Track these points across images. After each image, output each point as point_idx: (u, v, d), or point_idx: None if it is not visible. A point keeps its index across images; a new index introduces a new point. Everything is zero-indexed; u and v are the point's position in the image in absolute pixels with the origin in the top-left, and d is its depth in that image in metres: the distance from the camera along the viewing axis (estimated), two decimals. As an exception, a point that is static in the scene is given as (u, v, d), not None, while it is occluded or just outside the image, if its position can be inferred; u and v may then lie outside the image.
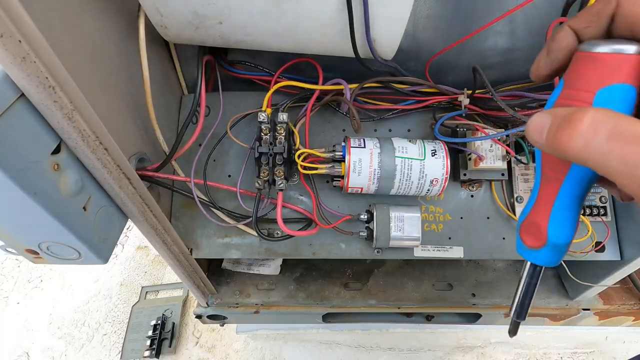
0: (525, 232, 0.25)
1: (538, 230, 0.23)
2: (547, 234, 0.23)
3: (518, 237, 0.25)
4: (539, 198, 0.24)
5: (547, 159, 0.23)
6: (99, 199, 0.34)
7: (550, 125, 0.19)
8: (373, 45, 0.39)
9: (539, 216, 0.23)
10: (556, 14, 0.44)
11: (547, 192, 0.23)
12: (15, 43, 0.23)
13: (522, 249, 0.25)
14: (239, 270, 0.64)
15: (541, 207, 0.23)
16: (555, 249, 0.23)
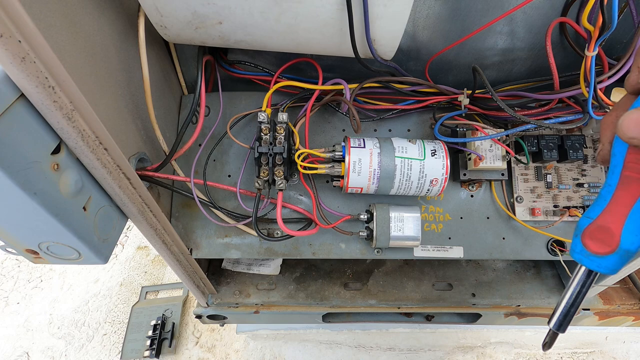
0: (590, 236, 0.23)
1: (609, 236, 0.22)
2: (619, 240, 0.22)
3: (578, 242, 0.24)
4: (614, 201, 0.22)
5: (633, 158, 0.21)
6: (99, 199, 0.34)
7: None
8: (373, 45, 0.39)
9: (612, 220, 0.22)
10: (556, 14, 0.44)
11: (625, 195, 0.22)
12: (15, 43, 0.23)
13: (582, 254, 0.24)
14: (239, 270, 0.64)
15: (616, 211, 0.22)
16: (625, 255, 0.22)
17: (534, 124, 0.42)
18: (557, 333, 0.26)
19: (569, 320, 0.25)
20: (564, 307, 0.25)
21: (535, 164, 0.52)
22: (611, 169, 0.23)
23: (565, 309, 0.25)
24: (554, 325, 0.25)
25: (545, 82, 0.48)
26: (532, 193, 0.52)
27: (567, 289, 0.25)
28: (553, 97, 0.46)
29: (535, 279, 0.64)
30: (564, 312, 0.25)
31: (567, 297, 0.25)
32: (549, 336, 0.26)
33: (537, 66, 0.50)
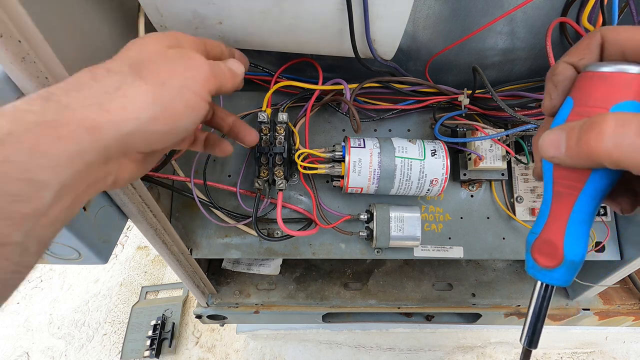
0: (538, 251, 0.24)
1: (553, 249, 0.23)
2: (563, 252, 0.23)
3: (529, 257, 0.25)
4: (552, 215, 0.23)
5: (559, 175, 0.22)
6: (98, 199, 0.34)
7: (567, 136, 0.20)
8: (373, 45, 0.39)
9: (553, 234, 0.23)
10: (556, 14, 0.44)
11: (560, 208, 0.23)
12: (15, 43, 0.23)
13: (534, 269, 0.24)
14: (239, 270, 0.64)
15: (555, 224, 0.23)
16: (571, 266, 0.23)
17: (534, 124, 0.42)
18: (530, 350, 0.26)
19: (538, 335, 0.25)
20: (530, 323, 0.26)
21: (535, 164, 0.52)
22: (545, 185, 0.24)
23: (532, 325, 0.25)
24: (524, 342, 0.26)
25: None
26: (532, 193, 0.52)
27: (529, 305, 0.26)
28: (553, 97, 0.46)
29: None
30: (531, 328, 0.25)
31: (530, 313, 0.26)
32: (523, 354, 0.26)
33: (537, 66, 0.50)
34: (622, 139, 0.17)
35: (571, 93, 0.23)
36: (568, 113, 0.22)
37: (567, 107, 0.22)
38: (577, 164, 0.20)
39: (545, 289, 0.25)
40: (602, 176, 0.21)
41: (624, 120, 0.17)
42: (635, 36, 0.20)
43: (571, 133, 0.19)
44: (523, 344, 0.26)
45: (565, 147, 0.20)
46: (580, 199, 0.22)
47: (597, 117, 0.18)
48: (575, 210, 0.22)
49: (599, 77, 0.21)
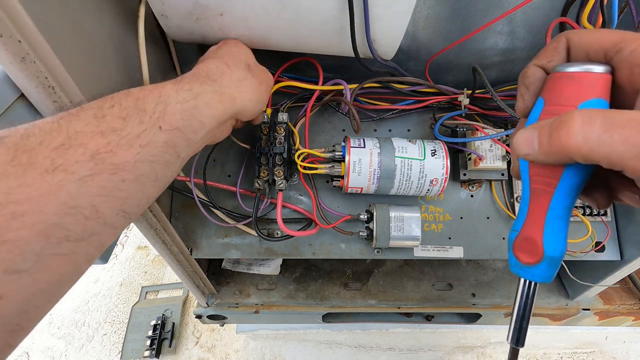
0: (518, 249, 0.25)
1: (533, 245, 0.24)
2: (543, 248, 0.23)
3: (511, 255, 0.25)
4: (530, 213, 0.24)
5: (535, 172, 0.23)
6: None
7: (539, 134, 0.21)
8: (373, 45, 0.39)
9: (533, 231, 0.24)
10: (556, 14, 0.44)
11: (537, 206, 0.23)
12: (15, 43, 0.23)
13: (516, 266, 0.25)
14: (239, 270, 0.64)
15: (533, 221, 0.24)
16: (552, 262, 0.23)
17: (534, 124, 0.42)
18: (517, 348, 0.26)
19: (524, 333, 0.26)
20: (515, 321, 0.26)
21: (535, 164, 0.52)
22: (522, 183, 0.25)
23: (518, 323, 0.26)
24: (511, 340, 0.26)
25: (545, 82, 0.48)
26: (532, 193, 0.52)
27: (514, 304, 0.26)
28: (553, 97, 0.46)
29: (535, 279, 0.64)
30: (517, 327, 0.26)
31: (515, 311, 0.26)
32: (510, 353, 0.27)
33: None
34: (589, 134, 0.18)
35: (542, 93, 0.23)
36: (539, 112, 0.23)
37: (539, 107, 0.23)
38: (550, 160, 0.21)
39: (528, 286, 0.25)
40: (575, 171, 0.21)
41: (591, 116, 0.18)
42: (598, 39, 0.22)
43: (542, 131, 0.20)
44: (510, 343, 0.26)
45: (537, 145, 0.21)
46: (556, 195, 0.22)
47: (565, 115, 0.19)
48: (552, 207, 0.23)
49: (567, 77, 0.22)
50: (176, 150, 0.26)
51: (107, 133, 0.22)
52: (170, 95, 0.27)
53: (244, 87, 0.34)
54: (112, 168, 0.22)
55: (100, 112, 0.23)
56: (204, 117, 0.29)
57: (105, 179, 0.22)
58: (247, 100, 0.34)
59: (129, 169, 0.23)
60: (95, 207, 0.22)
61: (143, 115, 0.24)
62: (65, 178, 0.20)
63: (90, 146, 0.21)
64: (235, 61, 0.35)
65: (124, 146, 0.23)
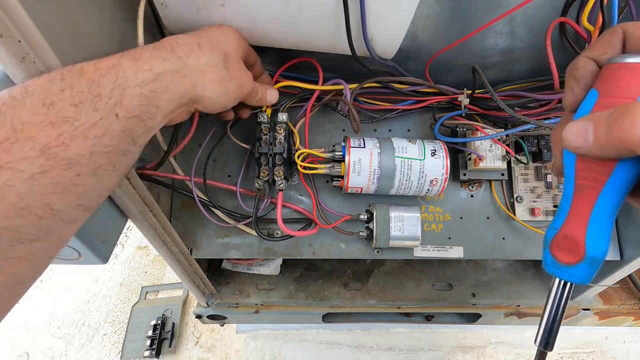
0: (557, 247, 0.23)
1: (575, 245, 0.22)
2: (585, 248, 0.22)
3: (548, 254, 0.24)
4: (573, 210, 0.23)
5: (583, 167, 0.22)
6: (98, 199, 0.33)
7: (595, 125, 0.20)
8: (370, 44, 0.39)
9: (575, 229, 0.22)
10: (556, 14, 0.44)
11: (582, 202, 0.22)
12: (15, 43, 0.23)
13: (554, 266, 0.24)
14: (239, 270, 0.64)
15: (576, 219, 0.22)
16: (593, 263, 0.22)
17: (534, 124, 0.42)
18: (545, 352, 0.25)
19: (554, 337, 0.24)
20: (547, 323, 0.25)
21: (535, 164, 0.52)
22: (566, 179, 0.23)
23: (549, 325, 0.24)
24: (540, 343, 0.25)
25: (545, 82, 0.48)
26: (532, 193, 0.52)
27: (546, 304, 0.25)
28: (553, 97, 0.46)
29: (535, 279, 0.64)
30: (547, 329, 0.25)
31: (547, 313, 0.25)
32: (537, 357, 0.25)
33: (537, 66, 0.50)
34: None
35: (595, 85, 0.22)
36: (592, 105, 0.22)
37: (591, 99, 0.22)
38: (606, 154, 0.20)
39: (564, 287, 0.24)
40: (628, 167, 0.20)
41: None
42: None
43: (599, 122, 0.19)
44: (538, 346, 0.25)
45: (593, 137, 0.20)
46: (604, 192, 0.21)
47: (627, 106, 0.18)
48: (598, 204, 0.22)
49: (626, 68, 0.21)
50: (133, 137, 0.25)
51: (58, 123, 0.20)
52: (128, 77, 0.24)
53: (210, 74, 0.31)
54: (65, 163, 0.20)
55: (49, 97, 0.20)
56: (161, 102, 0.26)
57: (59, 174, 0.20)
58: (209, 90, 0.31)
59: (85, 162, 0.21)
60: (49, 204, 0.20)
61: (98, 101, 0.22)
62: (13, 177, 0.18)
63: (40, 139, 0.19)
64: (211, 45, 0.32)
65: (77, 138, 0.21)
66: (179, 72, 0.28)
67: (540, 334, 0.25)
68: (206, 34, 0.33)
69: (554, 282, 0.24)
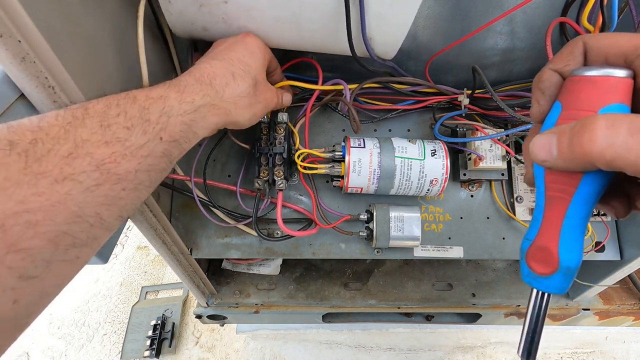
0: (532, 259, 0.24)
1: (548, 255, 0.23)
2: (558, 258, 0.22)
3: (524, 265, 0.24)
4: (545, 221, 0.23)
5: (551, 179, 0.22)
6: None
7: (558, 139, 0.20)
8: (370, 44, 0.39)
9: (548, 240, 0.23)
10: (556, 14, 0.44)
11: (553, 214, 0.22)
12: (15, 43, 0.23)
13: (530, 277, 0.24)
14: (239, 270, 0.64)
15: (548, 230, 0.23)
16: (567, 273, 0.22)
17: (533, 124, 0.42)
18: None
19: (536, 346, 0.24)
20: (527, 333, 0.25)
21: (535, 164, 0.52)
22: (537, 190, 0.24)
23: (529, 336, 0.25)
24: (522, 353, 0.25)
25: (545, 82, 0.48)
26: (532, 193, 0.52)
27: (525, 315, 0.25)
28: (553, 97, 0.46)
29: (535, 279, 0.64)
30: (528, 339, 0.25)
31: (527, 323, 0.25)
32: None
33: (537, 66, 0.50)
34: (614, 139, 0.17)
35: (559, 97, 0.23)
36: (557, 117, 0.22)
37: (556, 112, 0.22)
38: (570, 167, 0.20)
39: (541, 297, 0.24)
40: (594, 179, 0.21)
41: (615, 121, 0.17)
42: (616, 42, 0.21)
43: (562, 136, 0.20)
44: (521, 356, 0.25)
45: (557, 150, 0.20)
46: (573, 203, 0.22)
47: (588, 119, 0.18)
48: (568, 215, 0.22)
49: (587, 81, 0.21)
50: (170, 158, 0.28)
51: (112, 143, 0.23)
52: (173, 106, 0.28)
53: (242, 103, 0.34)
54: (115, 178, 0.23)
55: (106, 120, 0.23)
56: (198, 129, 0.30)
57: (109, 188, 0.23)
58: (240, 116, 0.35)
59: (130, 178, 0.24)
60: (99, 214, 0.23)
61: (147, 126, 0.25)
62: (73, 188, 0.21)
63: (97, 156, 0.22)
64: (244, 73, 0.35)
65: (127, 157, 0.24)
66: (215, 106, 0.31)
67: (522, 345, 0.25)
68: (237, 59, 0.35)
69: (532, 292, 0.24)
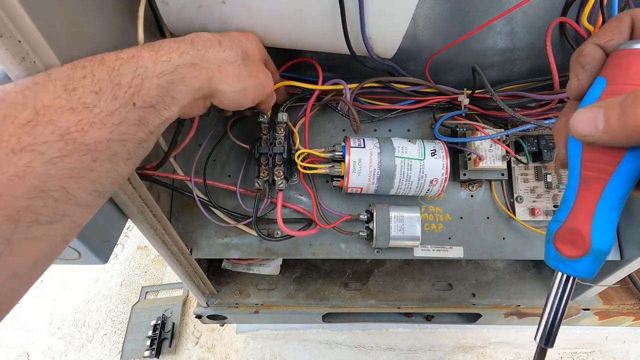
0: (561, 240, 0.23)
1: (579, 237, 0.22)
2: (590, 241, 0.21)
3: (551, 248, 0.23)
4: (578, 202, 0.22)
5: (589, 158, 0.21)
6: (98, 199, 0.34)
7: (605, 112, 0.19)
8: (369, 43, 0.39)
9: (580, 222, 0.22)
10: (556, 13, 0.44)
11: (588, 194, 0.22)
12: (15, 43, 0.23)
13: (557, 260, 0.23)
14: (239, 270, 0.64)
15: (581, 211, 0.22)
16: (598, 256, 0.22)
17: (534, 124, 0.42)
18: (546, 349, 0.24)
19: (555, 333, 0.24)
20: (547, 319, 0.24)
21: (535, 164, 0.52)
22: (570, 170, 0.23)
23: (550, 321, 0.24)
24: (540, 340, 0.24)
25: (545, 82, 0.48)
26: (532, 193, 0.52)
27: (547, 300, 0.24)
28: (553, 97, 0.46)
29: (535, 279, 0.64)
30: (549, 325, 0.24)
31: (548, 308, 0.24)
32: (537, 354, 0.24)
33: (537, 66, 0.50)
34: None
35: (603, 72, 0.22)
36: (600, 92, 0.21)
37: (599, 87, 0.22)
38: (617, 141, 0.19)
39: (566, 281, 0.23)
40: (638, 156, 0.20)
41: None
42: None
43: (610, 109, 0.19)
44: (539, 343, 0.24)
45: (603, 124, 0.19)
46: (611, 183, 0.21)
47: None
48: (604, 196, 0.21)
49: (636, 54, 0.20)
50: (149, 127, 0.25)
51: (78, 109, 0.21)
52: (147, 67, 0.25)
53: (228, 70, 0.31)
54: (83, 148, 0.21)
55: (70, 83, 0.21)
56: (177, 93, 0.27)
57: (76, 160, 0.21)
58: (225, 84, 0.31)
59: (101, 148, 0.22)
60: (66, 188, 0.21)
61: (118, 90, 0.23)
62: (34, 159, 0.19)
63: (60, 124, 0.20)
64: (232, 44, 0.32)
65: (96, 124, 0.21)
66: (196, 65, 0.28)
67: (540, 331, 0.24)
68: (228, 34, 0.33)
69: (556, 276, 0.23)
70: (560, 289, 0.23)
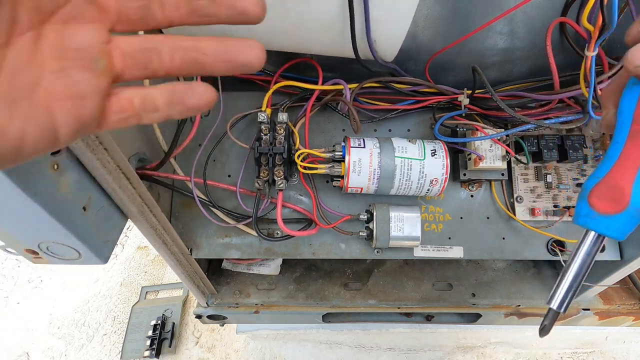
0: (597, 197, 0.22)
1: (619, 193, 0.21)
2: (630, 197, 0.20)
3: (584, 204, 0.22)
4: (623, 157, 0.21)
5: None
6: (98, 199, 0.34)
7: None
8: (374, 47, 0.39)
9: (622, 177, 0.21)
10: (556, 14, 0.44)
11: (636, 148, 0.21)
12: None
13: (588, 216, 0.22)
14: (239, 270, 0.64)
15: (626, 167, 0.21)
16: (636, 214, 0.21)
17: (534, 124, 0.42)
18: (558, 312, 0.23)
19: (571, 298, 0.23)
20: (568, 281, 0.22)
21: (535, 164, 0.52)
22: (618, 127, 0.22)
23: (569, 284, 0.22)
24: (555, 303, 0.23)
25: (545, 82, 0.48)
26: (532, 193, 0.52)
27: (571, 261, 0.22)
28: (553, 97, 0.46)
29: (535, 279, 0.64)
30: (567, 288, 0.22)
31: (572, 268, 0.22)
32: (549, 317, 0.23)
33: (537, 66, 0.50)
34: None
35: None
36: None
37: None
38: None
39: (595, 241, 0.22)
40: None
41: None
42: None
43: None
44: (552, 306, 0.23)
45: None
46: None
47: None
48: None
49: None
50: None
51: None
52: None
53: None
54: None
55: None
56: None
57: None
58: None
59: None
60: None
61: None
62: None
63: None
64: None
65: None
66: None
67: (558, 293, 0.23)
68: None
69: (585, 235, 0.22)
70: (589, 249, 0.22)
